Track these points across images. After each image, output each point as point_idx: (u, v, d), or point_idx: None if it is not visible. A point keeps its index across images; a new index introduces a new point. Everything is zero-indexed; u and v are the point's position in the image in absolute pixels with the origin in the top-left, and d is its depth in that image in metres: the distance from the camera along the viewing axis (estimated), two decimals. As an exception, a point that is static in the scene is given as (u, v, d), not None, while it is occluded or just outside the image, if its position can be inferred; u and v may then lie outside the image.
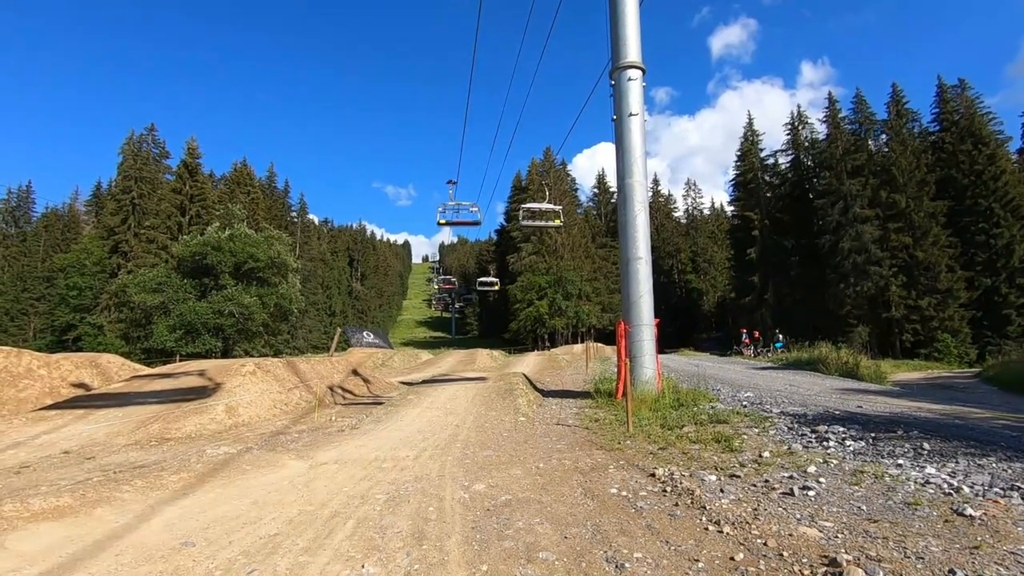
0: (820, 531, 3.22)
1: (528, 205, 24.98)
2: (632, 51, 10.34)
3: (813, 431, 6.04)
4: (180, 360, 20.37)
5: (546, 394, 11.39)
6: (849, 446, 5.35)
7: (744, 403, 8.49)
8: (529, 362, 23.42)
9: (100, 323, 41.44)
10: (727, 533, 3.26)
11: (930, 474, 4.25)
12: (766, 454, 5.14)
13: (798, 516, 3.48)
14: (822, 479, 4.27)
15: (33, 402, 9.48)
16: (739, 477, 4.48)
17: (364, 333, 34.48)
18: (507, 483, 4.63)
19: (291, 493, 4.59)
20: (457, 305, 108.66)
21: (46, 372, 10.87)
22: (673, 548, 3.10)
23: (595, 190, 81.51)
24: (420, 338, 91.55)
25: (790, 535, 3.18)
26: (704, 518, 3.54)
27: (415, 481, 4.84)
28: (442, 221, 26.89)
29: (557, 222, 24.98)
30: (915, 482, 4.07)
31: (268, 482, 4.96)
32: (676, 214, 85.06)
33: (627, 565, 2.90)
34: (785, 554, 2.92)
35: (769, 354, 24.04)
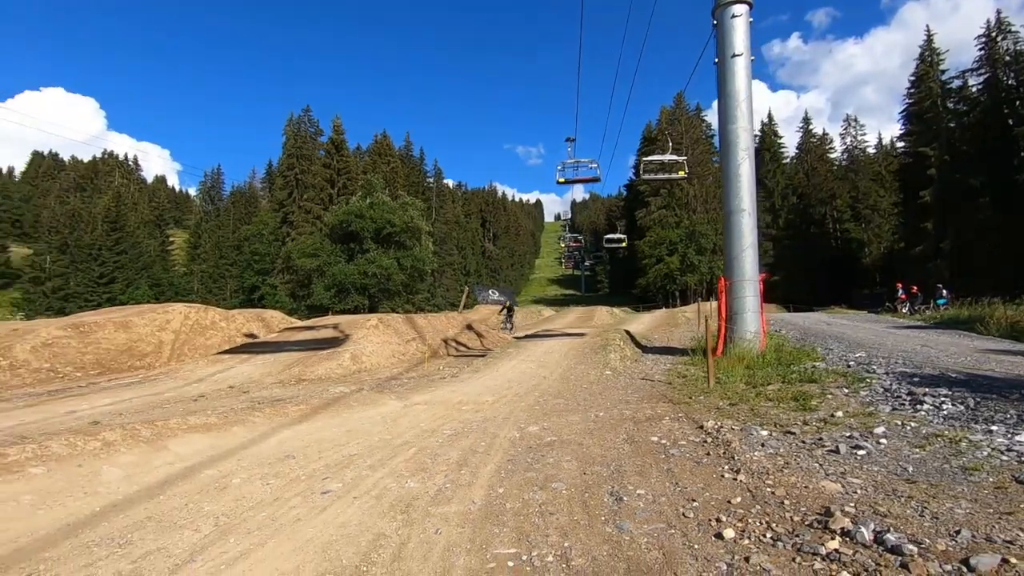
0: (842, 487, 3.17)
1: (649, 158, 24.05)
2: (735, -18, 9.53)
3: (910, 394, 5.53)
4: (332, 315, 23.43)
5: (647, 350, 11.40)
6: (944, 410, 4.87)
7: (851, 363, 7.84)
8: (646, 320, 23.13)
9: (275, 283, 48.57)
10: (740, 480, 3.35)
11: (1019, 441, 3.82)
12: (839, 414, 4.91)
13: (828, 472, 3.43)
14: (884, 440, 4.05)
15: (215, 348, 11.83)
16: (793, 434, 4.39)
17: (490, 291, 36.24)
18: (560, 427, 5.02)
19: (379, 426, 5.44)
20: (587, 262, 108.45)
21: (225, 324, 13.37)
22: (679, 489, 3.29)
23: (734, 135, 74.81)
24: (551, 296, 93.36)
25: (805, 487, 3.19)
26: (726, 467, 3.63)
27: (482, 421, 5.43)
28: (561, 179, 26.93)
29: (681, 173, 23.78)
30: (992, 448, 3.70)
31: (365, 416, 5.88)
32: (833, 155, 75.23)
33: (625, 499, 3.16)
34: (786, 502, 2.97)
35: (928, 311, 20.95)
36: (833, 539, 2.48)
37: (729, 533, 2.63)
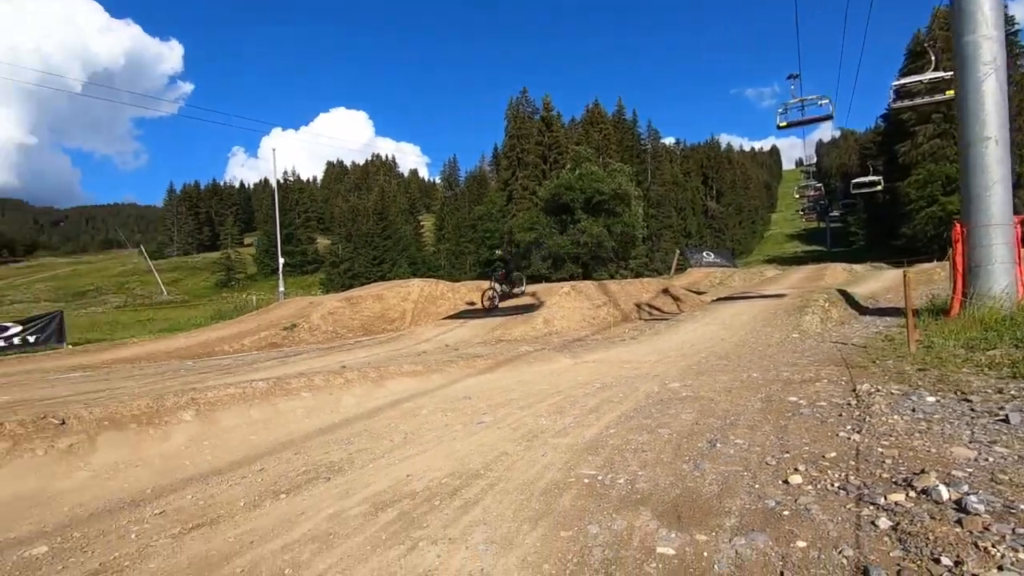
0: (976, 454, 2.90)
1: (902, 81, 20.06)
2: None
3: None
4: (543, 284, 25.36)
5: (868, 312, 10.07)
6: None
7: None
8: (888, 277, 19.46)
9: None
10: (852, 440, 3.28)
11: None
12: (1057, 384, 4.07)
13: (972, 440, 3.11)
14: (1093, 415, 3.36)
15: (442, 314, 14.25)
16: (969, 401, 3.88)
17: (704, 253, 34.42)
18: (702, 385, 5.20)
19: (545, 378, 6.31)
20: (834, 212, 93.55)
21: (451, 295, 15.87)
22: (780, 442, 3.38)
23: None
24: (789, 253, 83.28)
25: (928, 451, 3.00)
26: (848, 427, 3.52)
27: (632, 378, 5.88)
28: (782, 124, 24.41)
29: (949, 93, 19.31)
30: None
31: (537, 370, 6.83)
32: None
33: (719, 446, 3.41)
34: (887, 462, 2.89)
35: None
36: (902, 494, 2.46)
37: (796, 479, 2.76)
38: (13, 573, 2.57)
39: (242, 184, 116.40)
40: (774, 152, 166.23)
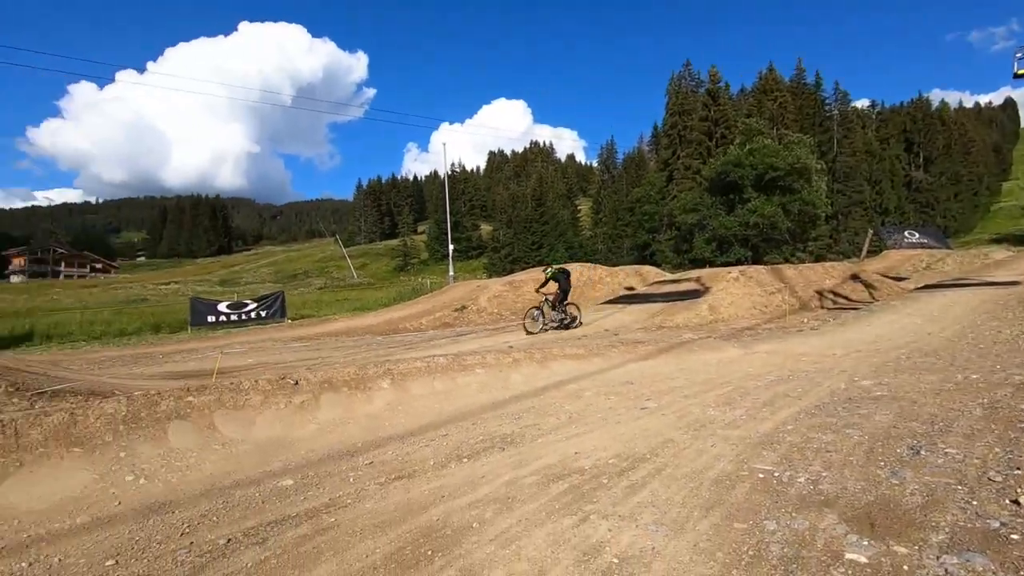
0: None
1: None
2: None
3: None
4: (709, 268, 23.91)
5: None
6: None
7: None
8: None
9: (661, 240, 51.93)
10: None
11: None
12: None
13: None
14: None
15: (600, 299, 14.30)
16: None
17: (905, 233, 29.36)
18: (902, 384, 4.59)
19: (710, 367, 6.08)
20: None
21: (609, 279, 15.84)
22: (1007, 456, 2.89)
23: None
24: (1029, 231, 67.40)
25: None
26: (1111, 446, 2.88)
27: (813, 372, 5.39)
28: (1021, 71, 20.50)
29: None
30: None
31: (701, 359, 6.59)
32: None
33: (924, 453, 3.03)
34: None
35: None
36: None
37: (1030, 501, 2.36)
38: (271, 497, 3.27)
39: (415, 177, 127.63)
40: (1009, 107, 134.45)
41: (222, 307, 17.25)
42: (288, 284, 62.43)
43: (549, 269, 10.76)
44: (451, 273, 27.05)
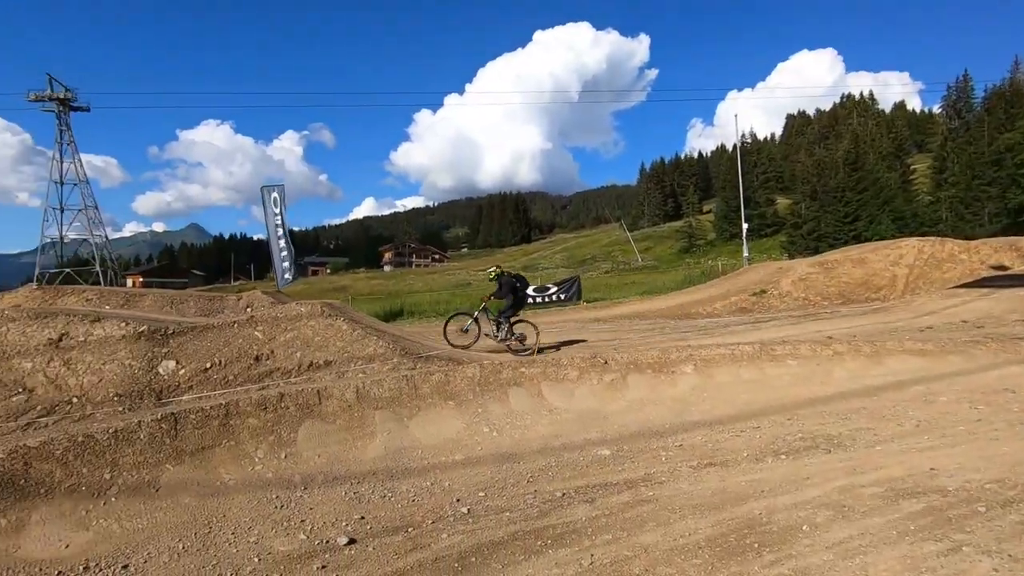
0: None
1: None
2: None
3: None
4: None
5: None
6: None
7: None
8: None
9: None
10: None
11: None
12: None
13: None
14: None
15: (951, 281, 11.28)
16: None
17: None
18: None
19: None
20: None
21: (966, 256, 12.40)
22: None
23: None
24: None
25: None
26: None
27: None
28: None
29: None
30: None
31: None
32: None
33: None
34: None
35: None
36: None
37: None
38: (592, 463, 3.68)
39: (700, 154, 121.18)
40: None
41: (529, 290, 19.70)
42: (578, 268, 67.19)
43: (493, 269, 8.04)
44: (746, 254, 24.97)
